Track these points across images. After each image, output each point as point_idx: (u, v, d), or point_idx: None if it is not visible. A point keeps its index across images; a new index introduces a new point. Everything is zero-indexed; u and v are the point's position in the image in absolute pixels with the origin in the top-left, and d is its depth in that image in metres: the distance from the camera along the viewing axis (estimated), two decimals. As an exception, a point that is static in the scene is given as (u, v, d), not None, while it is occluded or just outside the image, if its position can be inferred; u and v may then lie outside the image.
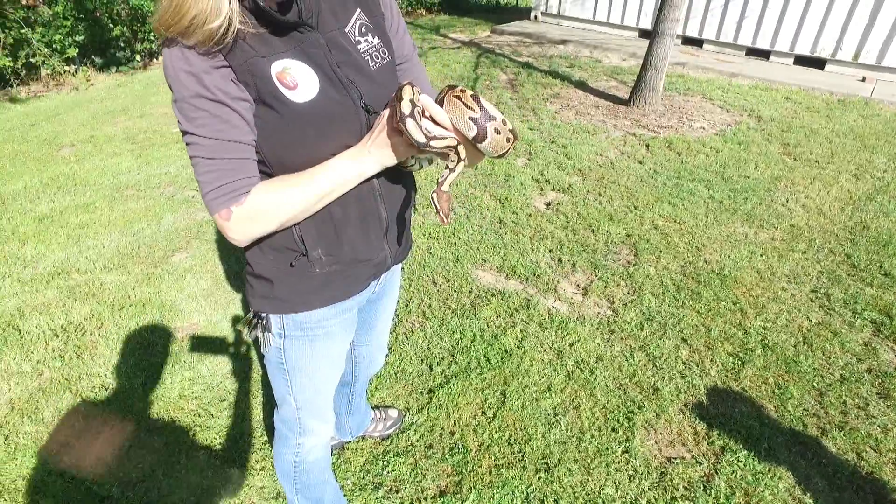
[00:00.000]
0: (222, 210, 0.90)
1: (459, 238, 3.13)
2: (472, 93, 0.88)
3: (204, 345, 2.40)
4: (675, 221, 3.31)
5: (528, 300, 2.65)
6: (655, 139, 4.43)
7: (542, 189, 3.70)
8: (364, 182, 0.98)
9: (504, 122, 0.89)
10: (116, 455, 1.91)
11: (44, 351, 2.37)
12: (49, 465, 1.88)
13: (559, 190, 3.68)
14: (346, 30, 0.97)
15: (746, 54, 6.85)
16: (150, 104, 5.59)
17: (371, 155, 0.93)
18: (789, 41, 6.44)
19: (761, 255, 3.00)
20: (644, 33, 7.48)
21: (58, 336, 2.45)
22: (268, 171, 0.95)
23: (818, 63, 6.41)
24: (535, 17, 8.57)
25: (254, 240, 0.97)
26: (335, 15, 0.96)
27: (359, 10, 1.00)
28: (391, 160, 0.93)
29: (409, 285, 2.76)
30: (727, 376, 2.24)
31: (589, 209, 3.42)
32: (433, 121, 0.89)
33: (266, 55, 0.87)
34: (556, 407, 2.09)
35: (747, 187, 3.71)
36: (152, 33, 6.85)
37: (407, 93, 0.88)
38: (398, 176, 1.07)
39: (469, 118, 0.88)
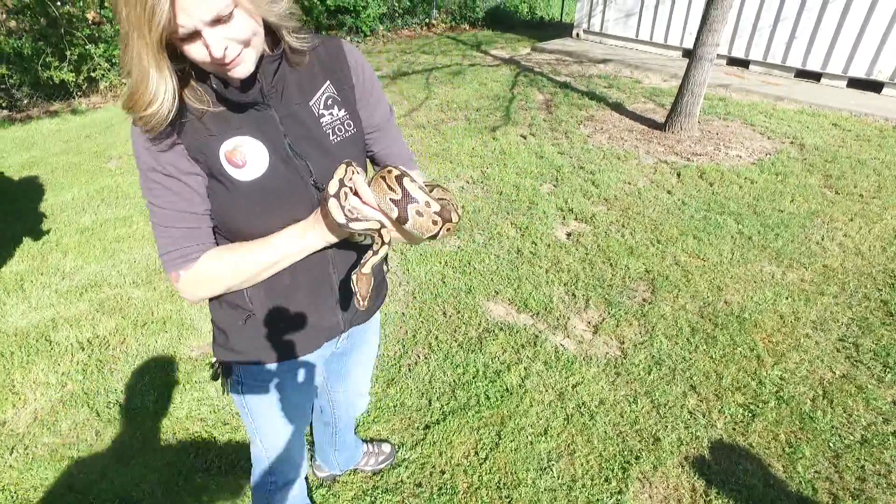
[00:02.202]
0: (172, 273, 0.97)
1: (474, 268, 3.14)
2: (398, 173, 0.90)
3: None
4: (698, 257, 3.21)
5: (537, 336, 2.62)
6: (688, 168, 4.32)
7: (564, 218, 3.66)
8: (317, 252, 1.01)
9: (428, 205, 0.90)
10: (122, 472, 2.01)
11: (69, 363, 2.52)
12: (61, 478, 1.99)
13: (582, 220, 3.63)
14: (311, 103, 1.01)
15: (796, 76, 6.59)
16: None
17: (315, 230, 0.96)
18: (843, 62, 6.16)
19: (787, 298, 2.88)
20: (688, 53, 7.28)
21: (83, 349, 2.60)
22: (225, 237, 1.01)
23: (875, 86, 6.10)
24: (577, 34, 8.50)
25: (203, 299, 1.02)
26: (302, 88, 1.00)
27: (328, 82, 1.03)
28: (330, 237, 0.97)
29: (419, 314, 2.78)
30: (735, 429, 2.16)
31: (610, 241, 3.36)
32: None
33: (218, 134, 0.92)
34: (550, 452, 2.06)
35: (780, 222, 3.57)
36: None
37: (339, 172, 0.91)
38: (357, 245, 1.10)
39: (390, 199, 0.90)
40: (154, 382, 2.40)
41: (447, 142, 4.93)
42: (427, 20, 10.61)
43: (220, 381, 1.21)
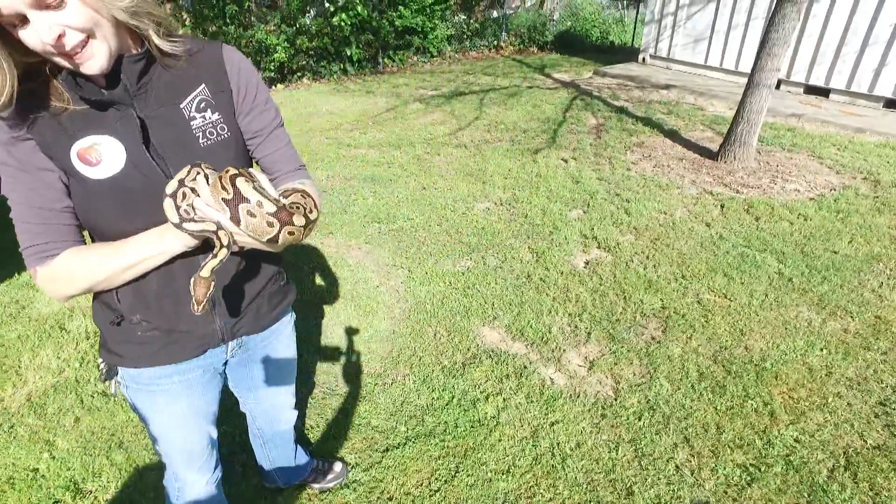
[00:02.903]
0: (31, 268, 0.96)
1: (478, 290, 3.03)
2: (234, 173, 0.85)
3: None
4: (724, 297, 2.93)
5: (525, 367, 2.47)
6: (734, 200, 3.99)
7: (586, 246, 3.48)
8: (183, 257, 0.98)
9: (260, 205, 0.84)
10: (85, 461, 2.06)
11: (72, 351, 2.64)
12: (30, 460, 2.07)
13: (605, 248, 3.43)
14: (182, 105, 0.99)
15: (885, 106, 5.99)
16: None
17: (172, 233, 0.93)
18: (940, 95, 5.54)
19: (821, 349, 2.55)
20: (762, 80, 6.85)
21: (88, 339, 2.72)
22: (94, 237, 1.00)
23: (977, 122, 5.43)
24: (643, 59, 8.21)
25: (68, 298, 1.00)
26: (173, 90, 0.98)
27: (203, 85, 1.01)
28: (186, 241, 0.93)
29: (409, 333, 2.71)
30: (726, 493, 1.91)
31: (628, 273, 3.14)
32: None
33: (72, 132, 0.91)
34: (508, 493, 1.91)
35: (831, 265, 3.20)
36: (272, 63, 7.55)
37: (181, 173, 0.88)
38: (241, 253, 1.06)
39: (222, 199, 0.85)
40: (140, 377, 2.47)
41: (485, 162, 4.86)
42: (496, 42, 10.67)
43: (106, 382, 1.19)
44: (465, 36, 10.42)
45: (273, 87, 7.95)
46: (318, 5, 8.58)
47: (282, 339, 1.35)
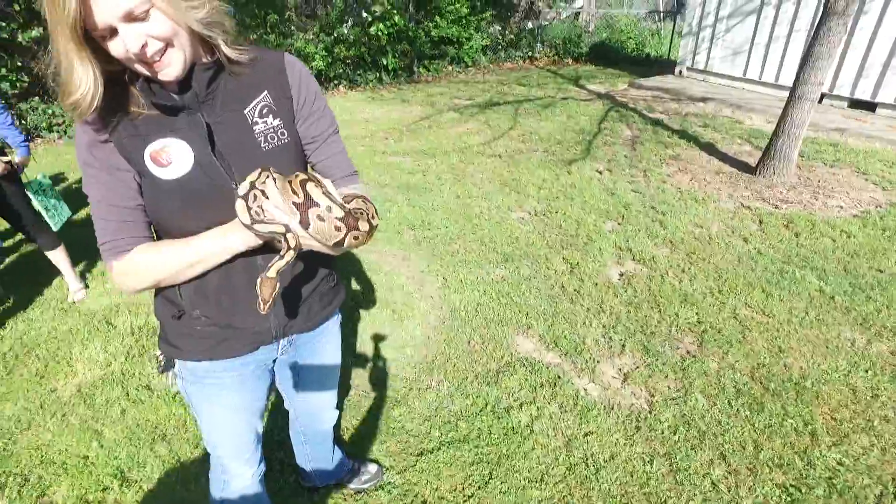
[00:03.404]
0: (107, 263, 1.03)
1: (512, 299, 3.04)
2: (304, 177, 0.89)
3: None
4: (763, 313, 2.88)
5: (559, 377, 2.48)
6: (773, 215, 3.92)
7: (620, 258, 3.46)
8: (243, 256, 1.03)
9: (329, 210, 0.88)
10: (131, 451, 2.14)
11: (119, 345, 2.75)
12: (82, 447, 2.16)
13: (639, 261, 3.41)
14: (246, 111, 1.04)
15: (935, 123, 5.81)
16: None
17: (236, 233, 0.98)
18: None
19: (866, 371, 2.49)
20: (803, 94, 6.72)
21: (133, 334, 2.83)
22: (160, 235, 1.07)
23: None
24: (680, 72, 8.13)
25: (137, 291, 1.07)
26: (238, 96, 1.04)
27: (265, 92, 1.06)
28: (250, 241, 0.98)
29: (444, 340, 2.74)
30: (763, 512, 1.88)
31: (664, 286, 3.12)
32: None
33: (145, 135, 0.98)
34: (541, 501, 1.92)
35: (877, 284, 3.12)
36: (310, 71, 7.74)
37: (252, 175, 0.93)
38: (302, 254, 1.10)
39: (292, 203, 0.89)
40: (183, 373, 2.55)
41: (519, 172, 4.88)
42: (530, 53, 10.70)
43: (163, 373, 1.26)
44: (499, 46, 10.49)
45: (310, 94, 8.11)
46: (355, 15, 8.76)
47: (329, 339, 1.39)
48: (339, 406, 2.32)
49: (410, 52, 8.91)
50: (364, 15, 8.50)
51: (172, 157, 0.99)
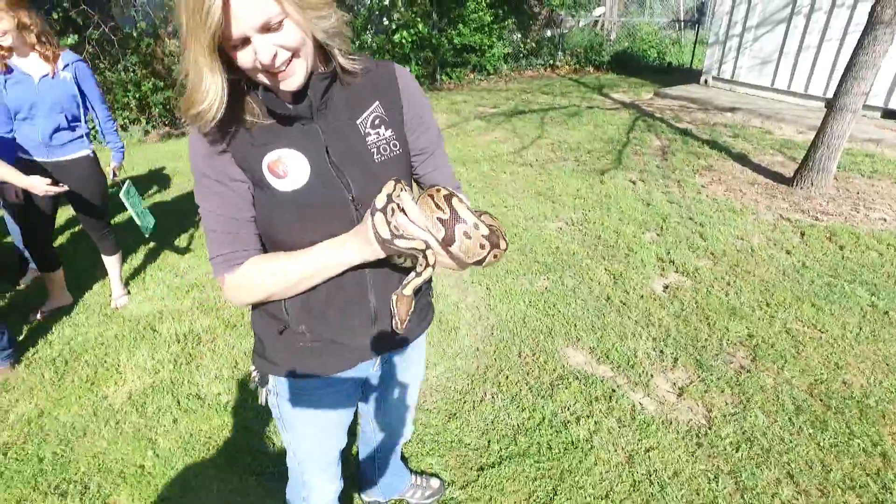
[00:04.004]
0: (219, 276, 1.02)
1: (559, 311, 3.02)
2: (447, 192, 0.87)
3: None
4: (815, 328, 2.84)
5: (614, 391, 2.44)
6: (814, 227, 3.87)
7: (663, 269, 3.43)
8: (354, 270, 1.01)
9: (476, 227, 0.86)
10: (186, 460, 2.13)
11: (165, 352, 2.75)
12: (138, 456, 2.15)
13: (683, 273, 3.37)
14: (358, 121, 1.03)
15: (969, 135, 5.74)
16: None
17: (354, 245, 0.96)
18: None
19: (927, 389, 2.44)
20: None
21: (179, 342, 2.83)
22: (265, 245, 1.05)
23: None
24: (706, 81, 8.09)
25: (247, 304, 1.05)
26: (350, 107, 1.03)
27: (377, 102, 1.05)
28: (370, 254, 0.95)
29: (494, 351, 2.71)
30: (838, 534, 1.84)
31: (710, 299, 3.08)
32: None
33: (262, 145, 0.97)
34: (609, 519, 1.89)
35: (928, 300, 3.06)
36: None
37: (387, 187, 0.89)
38: (397, 265, 1.08)
39: (437, 219, 0.87)
40: (231, 382, 2.54)
41: (552, 181, 4.86)
42: (552, 62, 10.70)
43: (257, 389, 1.24)
44: (521, 55, 10.49)
45: (334, 101, 8.16)
46: (378, 23, 8.80)
47: (419, 353, 1.38)
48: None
49: (433, 59, 8.94)
50: (387, 23, 8.53)
51: (289, 169, 0.97)
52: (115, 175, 3.00)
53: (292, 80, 0.90)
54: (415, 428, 2.24)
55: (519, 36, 10.21)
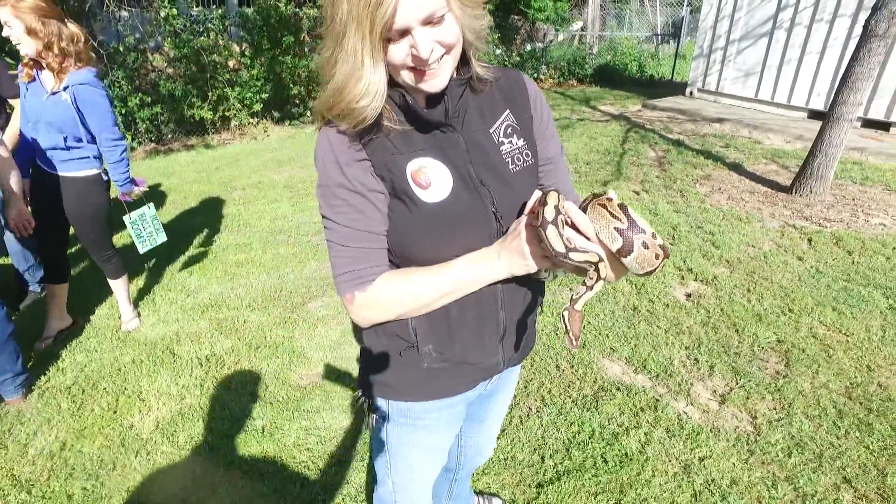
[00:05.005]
0: (347, 294, 0.94)
1: (589, 322, 3.00)
2: (619, 202, 0.83)
3: (324, 397, 2.50)
4: (840, 332, 2.88)
5: (657, 400, 2.43)
6: (820, 233, 3.96)
7: (683, 278, 3.45)
8: (487, 287, 0.96)
9: (654, 236, 0.83)
10: (231, 491, 2.02)
11: (189, 377, 2.63)
12: (178, 488, 2.04)
13: (702, 281, 3.40)
14: (491, 130, 0.99)
15: (946, 143, 5.98)
16: (312, 156, 6.20)
17: (500, 260, 0.91)
18: None
19: (957, 388, 2.48)
20: (814, 114, 6.88)
21: (202, 365, 2.71)
22: (393, 261, 0.98)
23: None
24: (691, 93, 8.29)
25: (377, 324, 0.99)
26: (482, 115, 0.99)
27: (508, 111, 1.01)
28: (522, 269, 0.90)
29: (531, 366, 2.67)
30: (903, 537, 1.84)
31: (735, 306, 3.11)
32: (576, 231, 0.85)
33: (405, 152, 0.91)
34: (678, 533, 1.85)
35: (940, 301, 3.14)
36: (324, 95, 7.74)
37: (552, 198, 0.84)
38: (524, 280, 1.03)
39: (614, 229, 0.82)
40: (265, 406, 2.44)
41: (554, 192, 4.87)
42: (536, 75, 10.82)
43: (365, 415, 1.17)
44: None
45: (323, 116, 8.10)
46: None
47: (516, 373, 1.33)
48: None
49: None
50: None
51: (432, 178, 0.92)
52: (127, 199, 2.80)
53: (438, 80, 0.85)
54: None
55: (503, 50, 10.30)
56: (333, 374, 2.65)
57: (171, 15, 6.23)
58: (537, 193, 0.91)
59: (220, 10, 6.81)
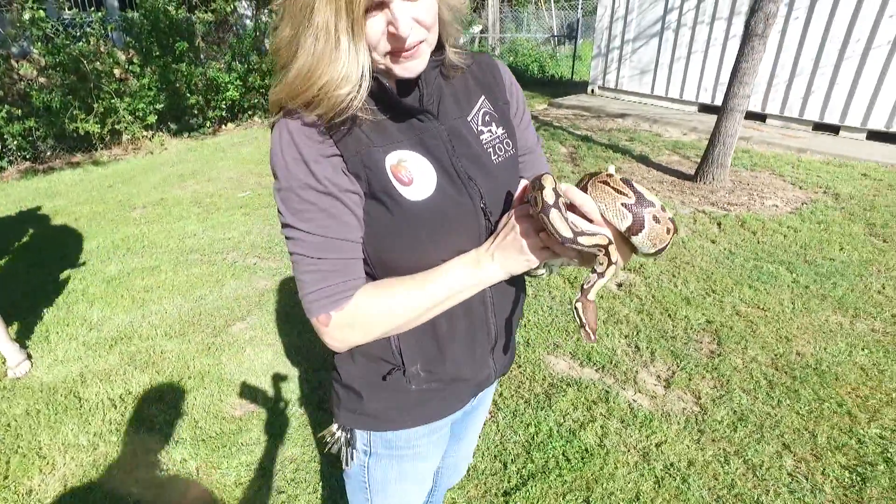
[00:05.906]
0: (321, 315, 0.80)
1: (529, 320, 2.99)
2: (622, 176, 0.77)
3: (263, 427, 2.28)
4: (758, 308, 3.07)
5: (607, 392, 2.44)
6: (727, 217, 4.24)
7: (610, 267, 3.53)
8: (476, 293, 0.87)
9: (663, 209, 0.76)
10: (169, 549, 1.78)
11: (101, 422, 2.32)
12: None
13: (630, 270, 3.51)
14: (469, 118, 0.90)
15: (814, 129, 6.65)
16: (218, 168, 5.81)
17: (495, 261, 0.81)
18: (861, 116, 6.23)
19: (863, 349, 2.71)
20: (704, 108, 7.42)
21: (116, 407, 2.40)
22: (369, 272, 0.86)
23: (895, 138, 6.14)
24: (593, 90, 8.67)
25: (356, 346, 0.87)
26: (458, 103, 0.90)
27: (483, 97, 0.92)
28: (522, 266, 0.80)
29: (476, 368, 2.60)
30: (846, 496, 1.95)
31: (664, 292, 3.23)
32: (578, 214, 0.77)
33: (381, 145, 0.79)
34: (647, 522, 1.85)
35: (834, 271, 3.45)
36: (223, 101, 7.27)
37: (549, 182, 0.74)
38: (512, 278, 0.94)
39: (622, 205, 0.75)
40: (197, 445, 2.19)
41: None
42: (439, 78, 10.87)
43: (338, 451, 1.03)
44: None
45: (224, 125, 7.63)
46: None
47: (495, 384, 1.24)
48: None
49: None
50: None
51: (414, 173, 0.80)
52: None
53: (418, 62, 0.76)
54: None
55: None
56: (271, 400, 2.44)
57: (37, 17, 5.55)
58: (524, 182, 0.83)
59: (99, 14, 6.18)
